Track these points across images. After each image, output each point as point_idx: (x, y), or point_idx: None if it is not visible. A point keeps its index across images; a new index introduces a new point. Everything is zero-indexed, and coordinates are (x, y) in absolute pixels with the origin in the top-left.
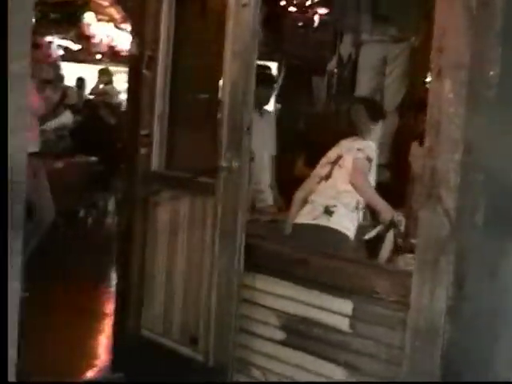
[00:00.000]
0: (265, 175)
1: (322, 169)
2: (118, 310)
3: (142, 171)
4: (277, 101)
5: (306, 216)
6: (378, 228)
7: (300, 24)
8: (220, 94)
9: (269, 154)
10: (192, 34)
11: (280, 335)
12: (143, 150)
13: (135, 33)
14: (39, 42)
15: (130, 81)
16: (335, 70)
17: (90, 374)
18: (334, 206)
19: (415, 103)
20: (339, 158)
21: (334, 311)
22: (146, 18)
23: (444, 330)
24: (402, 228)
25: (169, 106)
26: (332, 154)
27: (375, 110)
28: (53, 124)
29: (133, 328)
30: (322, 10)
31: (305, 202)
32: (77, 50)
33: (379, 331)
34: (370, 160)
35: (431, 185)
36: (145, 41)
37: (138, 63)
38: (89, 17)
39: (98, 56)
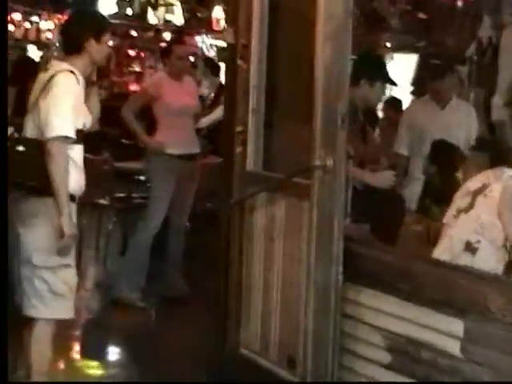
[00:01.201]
0: None
1: (459, 201)
2: (217, 325)
3: (237, 172)
4: (413, 93)
5: (442, 254)
6: None
7: (438, 10)
8: None
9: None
10: (288, 19)
11: (385, 357)
12: (238, 149)
13: (230, 20)
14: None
15: (226, 73)
16: (474, 57)
17: None
18: (478, 241)
19: None
20: (485, 186)
21: (443, 332)
22: (240, 3)
23: None
24: None
25: (265, 100)
26: (473, 184)
27: None
28: (207, 121)
29: (232, 346)
30: None
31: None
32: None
33: (494, 356)
34: None
35: None
36: (239, 29)
37: (233, 54)
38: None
39: None
